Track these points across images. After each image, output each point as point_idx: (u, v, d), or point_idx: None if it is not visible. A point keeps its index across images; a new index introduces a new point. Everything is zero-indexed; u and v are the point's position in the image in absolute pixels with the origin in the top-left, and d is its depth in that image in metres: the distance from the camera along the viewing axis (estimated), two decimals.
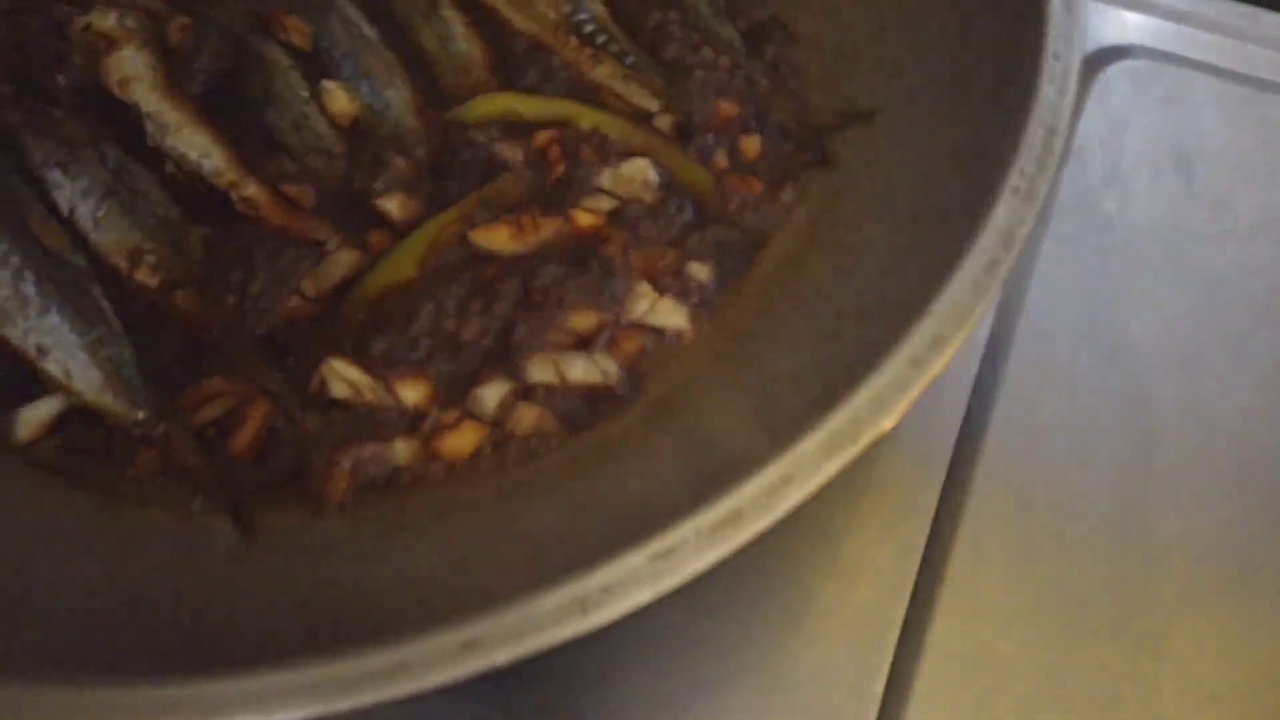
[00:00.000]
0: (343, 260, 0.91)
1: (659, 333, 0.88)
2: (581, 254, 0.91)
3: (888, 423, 0.60)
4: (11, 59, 1.00)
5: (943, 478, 0.94)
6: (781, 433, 0.61)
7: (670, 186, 0.93)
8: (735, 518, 0.56)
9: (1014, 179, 0.67)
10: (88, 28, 1.00)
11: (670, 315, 0.88)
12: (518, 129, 0.98)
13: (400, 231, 0.93)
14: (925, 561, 0.90)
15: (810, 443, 0.58)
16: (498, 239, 0.91)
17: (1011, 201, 0.67)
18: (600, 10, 1.03)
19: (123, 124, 0.96)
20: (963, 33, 0.87)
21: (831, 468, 0.58)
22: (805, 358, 0.77)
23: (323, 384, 0.84)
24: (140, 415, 0.85)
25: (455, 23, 1.04)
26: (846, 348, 0.72)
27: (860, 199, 0.87)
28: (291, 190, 0.94)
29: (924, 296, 0.65)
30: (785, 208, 0.93)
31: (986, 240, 0.66)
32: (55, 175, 0.94)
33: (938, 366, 0.61)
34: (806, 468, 0.58)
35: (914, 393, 0.60)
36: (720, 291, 0.89)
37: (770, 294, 0.88)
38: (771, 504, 0.57)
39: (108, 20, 1.00)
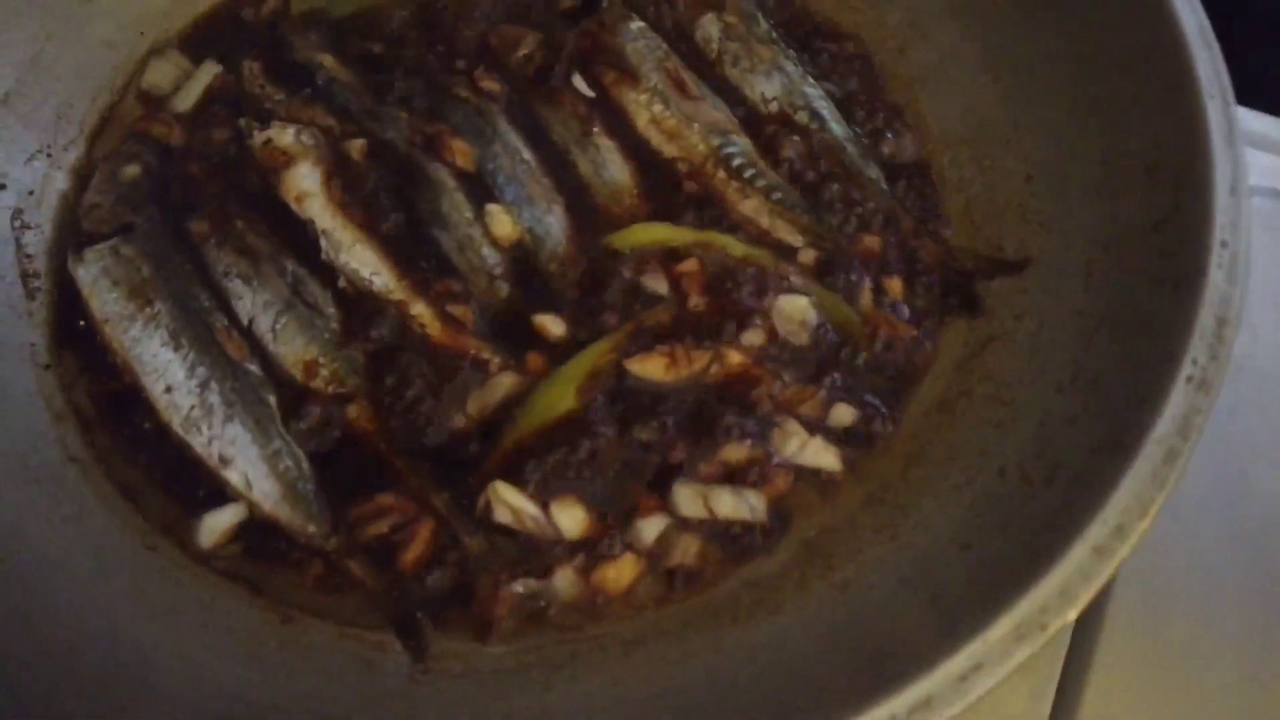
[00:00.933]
0: (504, 382, 0.96)
1: (810, 472, 0.90)
2: (732, 389, 0.94)
3: (1073, 612, 0.62)
4: (199, 170, 1.07)
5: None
6: (954, 613, 0.63)
7: (821, 326, 0.96)
8: (925, 704, 0.59)
9: (1187, 367, 0.69)
10: (268, 142, 1.06)
11: (821, 455, 0.91)
12: (670, 257, 1.02)
13: (557, 353, 0.97)
14: (1056, 711, 0.91)
15: (998, 630, 0.60)
16: (653, 369, 0.95)
17: (1186, 390, 0.69)
18: (748, 145, 1.07)
19: (299, 238, 1.02)
20: (1113, 194, 0.90)
21: (1020, 655, 0.60)
22: (964, 517, 0.79)
23: (488, 506, 0.88)
24: (314, 528, 0.89)
25: (609, 150, 1.08)
26: (1012, 515, 0.74)
27: (1012, 352, 0.90)
28: (456, 310, 0.99)
29: (1098, 476, 0.67)
30: (930, 352, 0.96)
31: (1163, 429, 0.68)
32: (237, 286, 1.00)
33: (1121, 555, 0.63)
34: (996, 656, 0.60)
35: (1098, 583, 0.63)
36: (869, 434, 0.92)
37: (921, 440, 0.90)
38: (963, 690, 0.59)
39: (286, 136, 1.06)
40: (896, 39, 1.14)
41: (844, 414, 0.91)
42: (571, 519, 0.87)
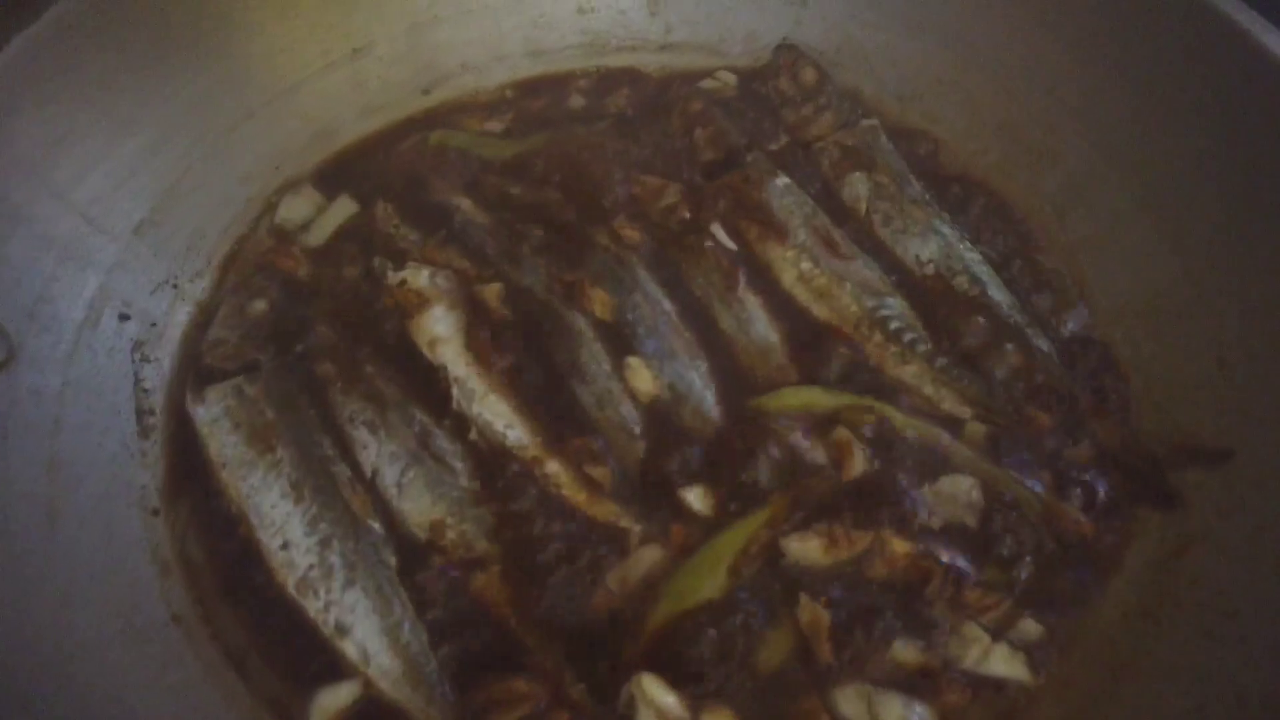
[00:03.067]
0: (647, 557, 0.87)
1: (994, 683, 0.80)
2: (900, 583, 0.85)
3: None
4: (331, 308, 1.02)
5: None
6: None
7: (993, 511, 0.87)
8: None
9: None
10: (402, 283, 1.02)
11: (1008, 664, 0.81)
12: (824, 425, 0.94)
13: (703, 525, 0.89)
14: None
15: None
16: (811, 551, 0.86)
17: None
18: (905, 307, 1.01)
19: (429, 385, 0.96)
20: None
21: None
22: None
23: (631, 703, 0.78)
24: (436, 714, 0.80)
25: (754, 306, 1.03)
26: None
27: (1224, 556, 0.80)
28: (595, 471, 0.91)
29: None
30: (1117, 548, 0.86)
31: None
32: (362, 434, 0.94)
33: None
34: None
35: None
36: (1059, 640, 0.81)
37: (1120, 650, 0.80)
38: None
39: (421, 277, 1.02)
40: (1054, 203, 1.09)
41: (1030, 629, 0.81)
42: None
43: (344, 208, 1.11)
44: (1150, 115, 1.01)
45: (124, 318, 0.99)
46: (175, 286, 1.04)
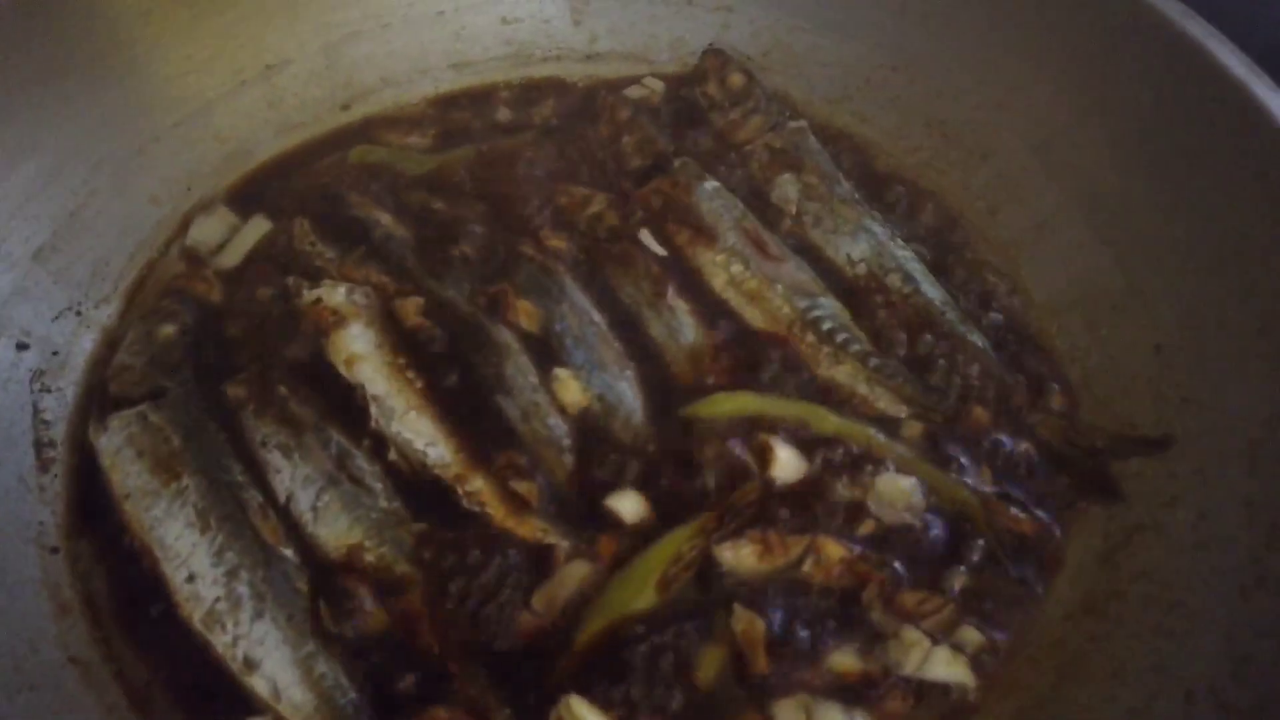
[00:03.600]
0: (574, 573, 0.83)
1: (938, 690, 0.77)
2: (836, 588, 0.82)
3: None
4: (240, 330, 0.98)
5: None
6: None
7: (927, 508, 0.85)
8: None
9: None
10: (317, 301, 0.98)
11: (949, 668, 0.77)
12: (755, 429, 0.91)
13: (632, 537, 0.85)
14: None
15: None
16: (744, 559, 0.83)
17: None
18: (838, 307, 0.99)
19: (346, 406, 0.92)
20: (1275, 366, 0.79)
21: None
22: None
23: None
24: None
25: (684, 312, 1.00)
26: None
27: (1169, 546, 0.78)
28: (521, 487, 0.87)
29: None
30: (1060, 542, 0.83)
31: None
32: (276, 458, 0.89)
33: None
34: None
35: None
36: (1002, 642, 0.78)
37: (1070, 647, 0.77)
38: None
39: (337, 294, 0.98)
40: (986, 200, 1.07)
41: (971, 635, 0.78)
42: None
43: (258, 227, 1.07)
44: (1078, 109, 1.01)
45: (22, 347, 0.94)
46: (79, 313, 0.99)
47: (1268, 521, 0.72)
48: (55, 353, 0.96)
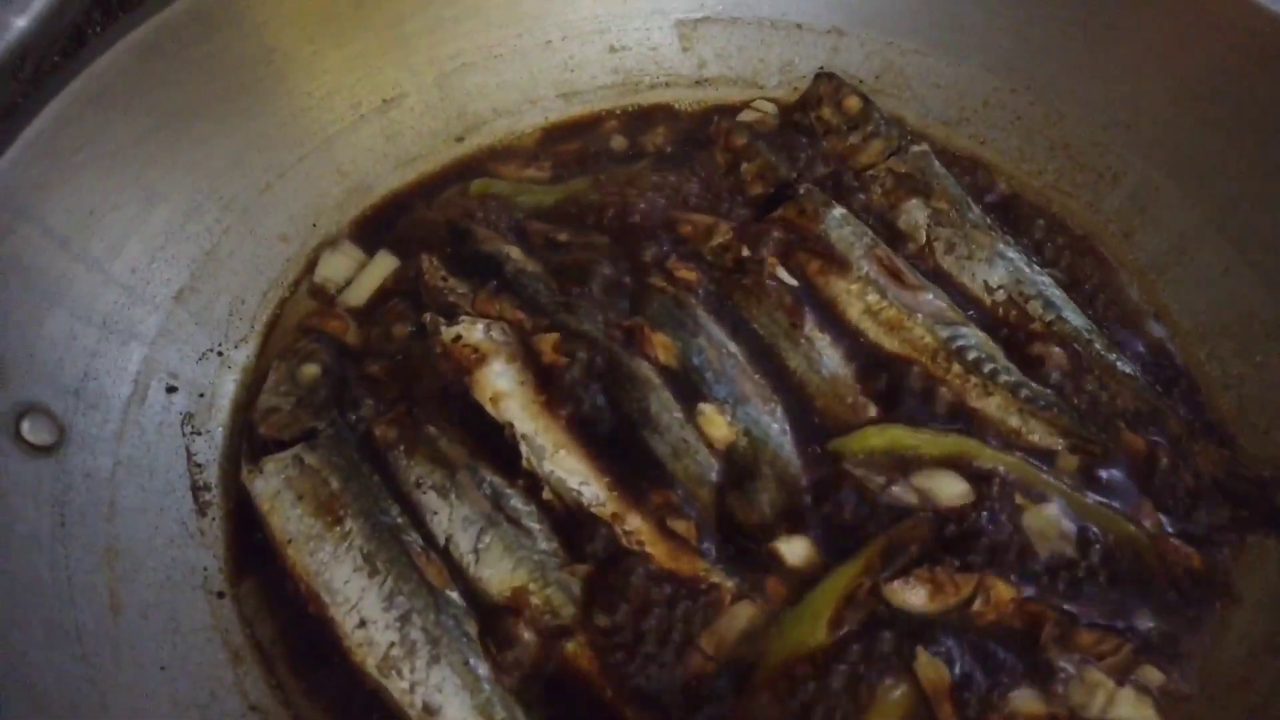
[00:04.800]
0: (742, 614, 0.83)
1: None
2: (1010, 628, 0.81)
3: None
4: (380, 370, 0.98)
5: None
6: None
7: (1096, 548, 0.84)
8: None
9: None
10: (456, 339, 0.98)
11: (1135, 709, 0.76)
12: (909, 464, 0.90)
13: (797, 578, 0.85)
14: None
15: None
16: (915, 598, 0.82)
17: None
18: (983, 337, 0.98)
19: (496, 444, 0.91)
20: None
21: None
22: None
23: None
24: None
25: (822, 343, 0.99)
26: None
27: None
28: (679, 526, 0.87)
29: None
30: (1231, 579, 0.82)
31: None
32: (432, 499, 0.89)
33: None
34: None
35: None
36: (1186, 681, 0.77)
37: (1256, 688, 0.76)
38: None
39: (475, 331, 0.98)
40: (1119, 223, 1.06)
41: (1152, 675, 0.77)
42: None
43: (384, 263, 1.08)
44: (1210, 128, 1.00)
45: (171, 389, 0.94)
46: (220, 354, 1.00)
47: None
48: (201, 394, 0.96)
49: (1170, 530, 0.86)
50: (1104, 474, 0.89)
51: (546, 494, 0.89)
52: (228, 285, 1.02)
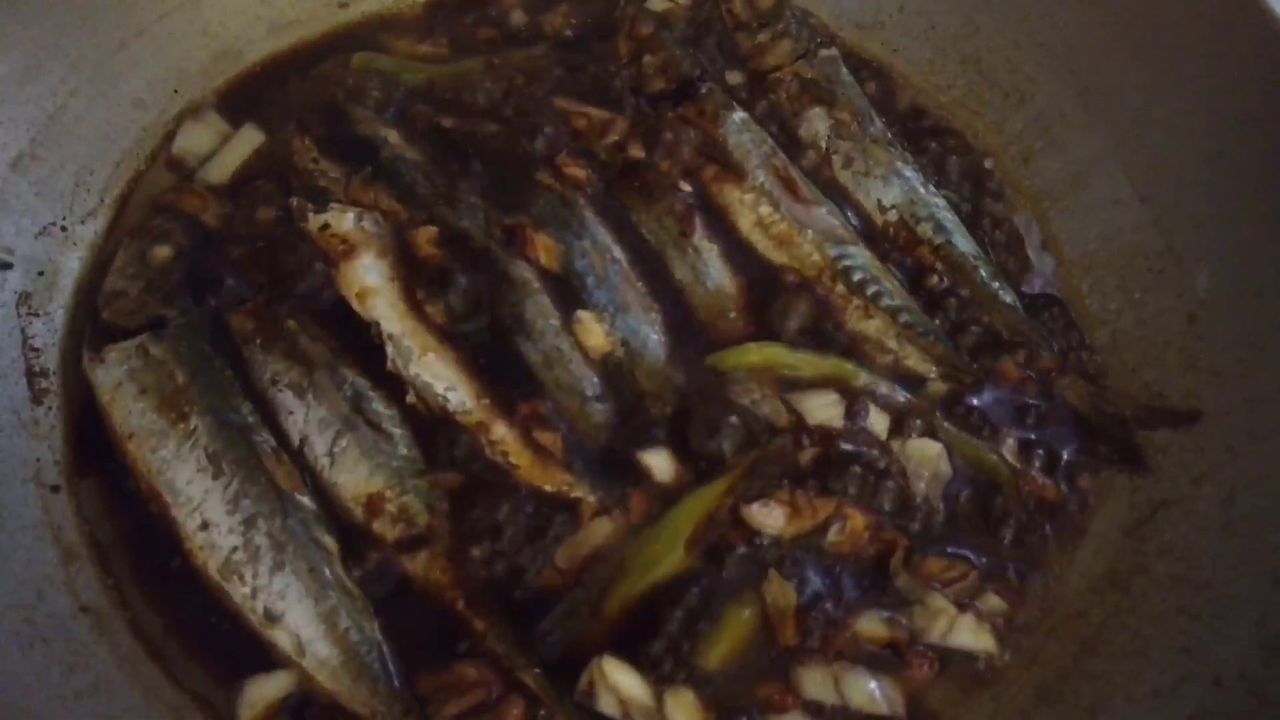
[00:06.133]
0: (599, 530, 0.82)
1: (962, 657, 0.78)
2: (862, 555, 0.82)
3: None
4: (242, 255, 0.92)
5: None
6: None
7: (964, 486, 0.85)
8: None
9: None
10: (324, 227, 0.92)
11: (975, 635, 0.78)
12: (785, 384, 0.89)
13: (661, 494, 0.84)
14: None
15: None
16: (774, 520, 0.82)
17: None
18: (869, 258, 0.96)
19: (361, 343, 0.87)
20: None
21: None
22: None
23: (591, 688, 0.74)
24: (380, 706, 0.74)
25: (710, 254, 0.96)
26: None
27: (1196, 524, 0.79)
28: (545, 438, 0.85)
29: None
30: (1086, 515, 0.84)
31: None
32: (288, 398, 0.85)
33: None
34: None
35: None
36: (1028, 611, 0.79)
37: (1093, 620, 0.78)
38: None
39: (346, 220, 0.92)
40: (1020, 145, 1.04)
41: (994, 602, 0.79)
42: (685, 713, 0.73)
43: (250, 138, 1.00)
44: (1126, 54, 0.97)
45: (5, 266, 0.87)
46: (64, 229, 0.92)
47: None
48: (41, 273, 0.90)
49: (1031, 461, 0.86)
50: (972, 402, 0.88)
51: (411, 398, 0.86)
52: (74, 153, 0.94)
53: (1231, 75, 0.88)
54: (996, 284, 0.95)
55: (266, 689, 0.74)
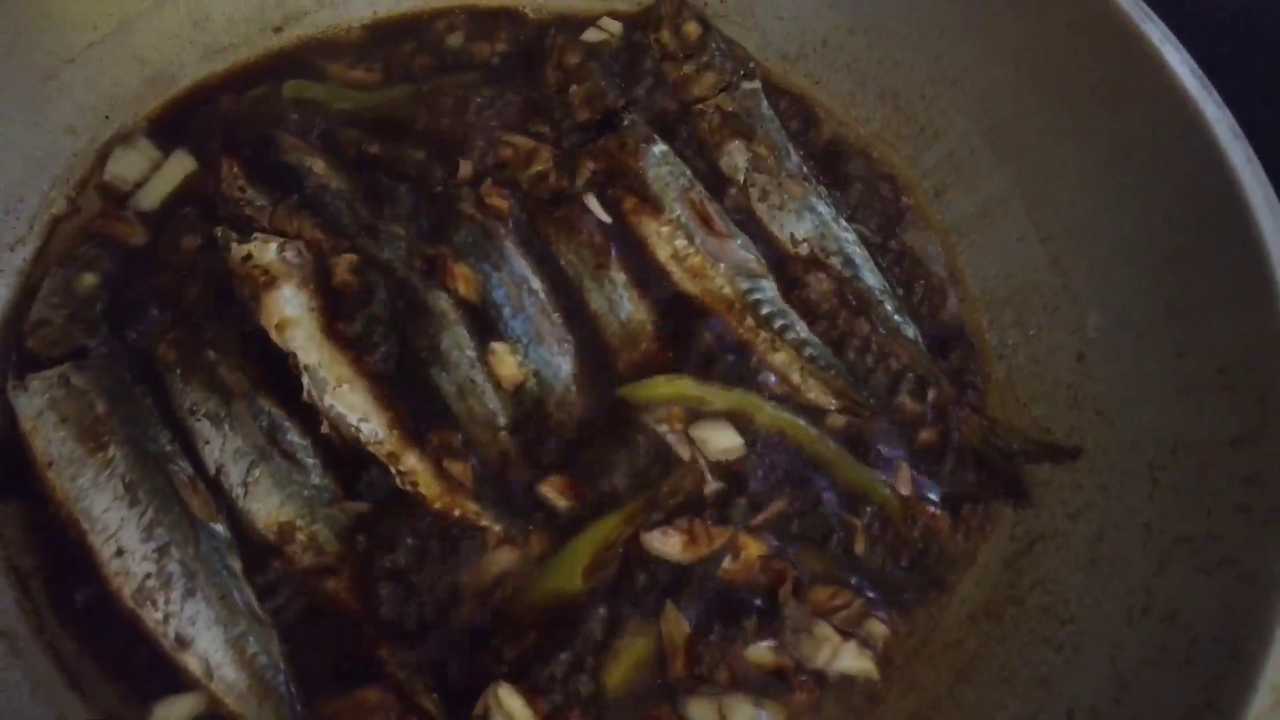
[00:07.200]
0: (502, 559, 0.86)
1: (843, 682, 0.82)
2: (754, 583, 0.86)
3: None
4: (169, 283, 0.95)
5: None
6: None
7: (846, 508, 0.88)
8: None
9: None
10: (247, 258, 0.95)
11: (857, 660, 0.82)
12: (691, 416, 0.93)
13: (563, 524, 0.88)
14: None
15: None
16: (671, 548, 0.86)
17: None
18: (776, 293, 0.99)
19: (279, 373, 0.90)
20: (1182, 392, 0.83)
21: None
22: None
23: (485, 713, 0.77)
24: None
25: (624, 285, 0.99)
26: None
27: (1067, 558, 0.83)
28: (455, 468, 0.88)
29: None
30: (970, 545, 0.88)
31: (1265, 700, 0.61)
32: (205, 427, 0.88)
33: None
34: None
35: None
36: (907, 639, 0.83)
37: (968, 650, 0.82)
38: None
39: (268, 252, 0.95)
40: (933, 180, 1.07)
41: (878, 629, 0.83)
42: None
43: (180, 165, 1.03)
44: (1031, 98, 1.00)
45: None
46: None
47: (1161, 548, 0.76)
48: None
49: (925, 495, 0.90)
50: (871, 437, 0.92)
51: (324, 428, 0.89)
52: (3, 180, 0.96)
53: (1127, 124, 0.91)
54: (899, 318, 0.99)
55: (174, 711, 0.77)
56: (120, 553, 0.81)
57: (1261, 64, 1.15)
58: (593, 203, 1.03)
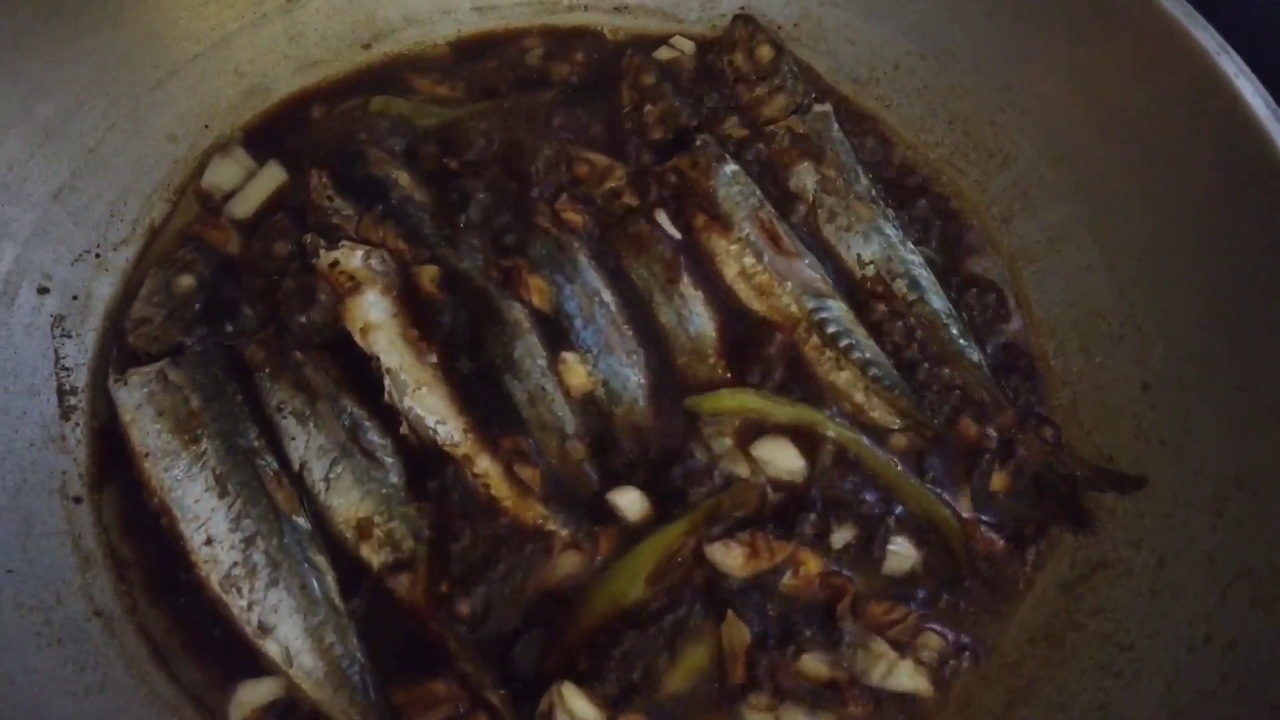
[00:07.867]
0: (568, 563, 0.88)
1: (896, 698, 0.83)
2: (814, 598, 0.87)
3: None
4: (261, 286, 1.00)
5: None
6: None
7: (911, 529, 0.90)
8: None
9: None
10: (334, 264, 0.99)
11: (912, 678, 0.84)
12: (755, 430, 0.95)
13: (628, 530, 0.90)
14: None
15: None
16: (733, 560, 0.88)
17: None
18: (844, 312, 1.01)
19: (362, 375, 0.94)
20: (1247, 424, 0.83)
21: None
22: None
23: (550, 711, 0.80)
24: (358, 717, 0.81)
25: (695, 300, 1.02)
26: None
27: (1129, 587, 0.83)
28: (525, 472, 0.91)
29: None
30: (1030, 569, 0.89)
31: None
32: (291, 425, 0.92)
33: None
34: None
35: None
36: (964, 660, 0.85)
37: (1025, 672, 0.83)
38: None
39: (354, 259, 0.99)
40: (1001, 206, 1.08)
41: (933, 642, 0.84)
42: None
43: (273, 175, 1.08)
44: (1099, 128, 1.00)
45: (43, 291, 0.95)
46: (98, 256, 1.00)
47: (1224, 579, 0.77)
48: (75, 297, 0.97)
49: (985, 518, 0.91)
50: (934, 458, 0.93)
51: (404, 429, 0.93)
52: (109, 185, 1.02)
53: (1197, 157, 0.91)
54: (964, 341, 1.00)
55: (256, 693, 0.81)
56: (209, 541, 0.86)
57: None
58: (664, 219, 1.06)
